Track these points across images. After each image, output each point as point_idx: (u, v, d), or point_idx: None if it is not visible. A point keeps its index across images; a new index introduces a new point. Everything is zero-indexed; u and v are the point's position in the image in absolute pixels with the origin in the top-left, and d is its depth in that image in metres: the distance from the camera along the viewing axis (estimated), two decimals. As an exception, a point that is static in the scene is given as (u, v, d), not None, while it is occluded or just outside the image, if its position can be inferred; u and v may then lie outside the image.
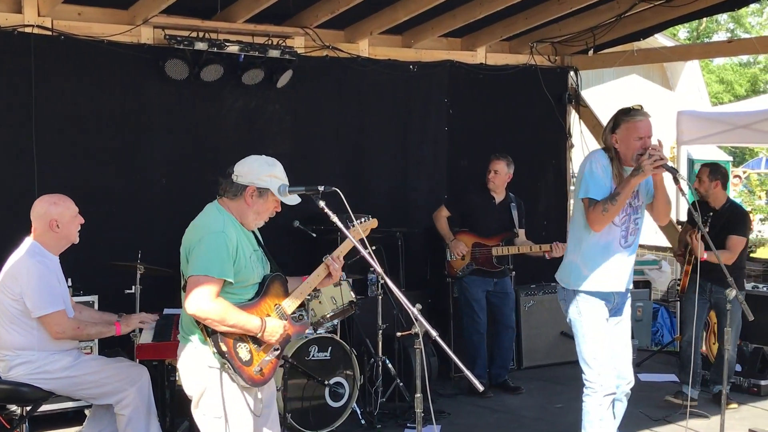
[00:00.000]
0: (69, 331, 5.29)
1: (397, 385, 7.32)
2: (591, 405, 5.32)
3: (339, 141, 8.71)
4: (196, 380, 4.24)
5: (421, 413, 3.91)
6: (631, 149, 5.14)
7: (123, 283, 6.78)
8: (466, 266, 8.00)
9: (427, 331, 3.85)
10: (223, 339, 4.13)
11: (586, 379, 5.35)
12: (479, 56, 9.63)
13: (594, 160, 5.25)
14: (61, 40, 7.22)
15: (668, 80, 19.71)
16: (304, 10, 8.13)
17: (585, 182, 5.20)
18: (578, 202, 5.34)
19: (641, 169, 4.96)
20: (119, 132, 7.62)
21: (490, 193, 8.08)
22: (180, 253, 4.34)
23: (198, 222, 4.36)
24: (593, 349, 5.32)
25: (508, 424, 7.22)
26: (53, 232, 5.36)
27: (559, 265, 5.60)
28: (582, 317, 5.34)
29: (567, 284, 5.41)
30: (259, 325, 4.20)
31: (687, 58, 16.46)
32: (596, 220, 5.12)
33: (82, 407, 6.66)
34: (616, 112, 5.29)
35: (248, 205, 4.34)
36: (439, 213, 8.17)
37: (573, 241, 5.44)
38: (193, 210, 7.87)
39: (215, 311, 4.07)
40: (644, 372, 8.76)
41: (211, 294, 4.07)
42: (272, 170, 4.39)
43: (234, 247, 4.20)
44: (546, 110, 9.97)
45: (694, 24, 32.89)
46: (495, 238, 8.00)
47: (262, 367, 4.27)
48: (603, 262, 5.28)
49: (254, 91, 8.08)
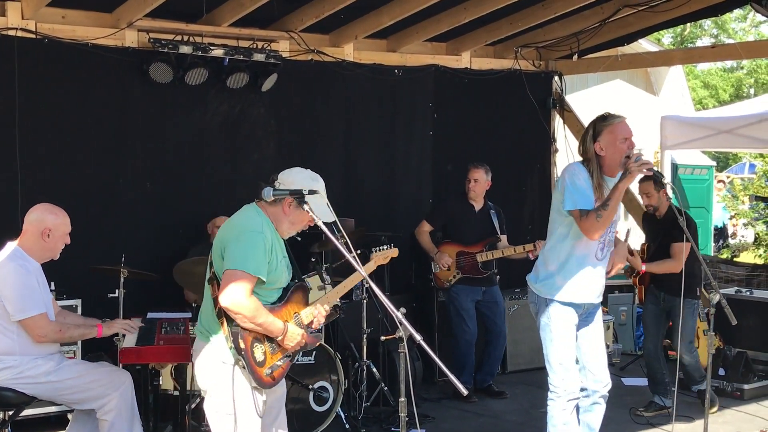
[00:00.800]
0: (51, 334, 5.26)
1: (382, 389, 7.31)
2: (555, 409, 5.36)
3: (324, 145, 8.71)
4: (209, 375, 4.31)
5: (406, 417, 3.91)
6: (619, 152, 5.12)
7: (106, 288, 6.75)
8: (453, 276, 7.99)
9: (411, 335, 3.86)
10: (243, 336, 4.20)
11: (551, 384, 5.39)
12: (464, 61, 9.66)
13: (573, 172, 5.21)
14: (44, 43, 7.18)
15: (652, 85, 19.78)
16: (289, 14, 8.13)
17: (570, 195, 5.15)
18: (557, 215, 5.32)
19: (628, 172, 4.98)
20: (103, 135, 7.59)
21: (470, 201, 8.09)
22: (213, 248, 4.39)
23: (236, 220, 4.43)
24: (559, 355, 5.35)
25: (492, 428, 7.23)
26: (43, 241, 5.33)
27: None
28: (552, 323, 5.35)
29: (539, 291, 5.41)
30: (282, 329, 4.29)
31: (671, 64, 16.52)
32: (591, 228, 5.07)
33: (64, 412, 6.62)
34: (590, 122, 5.29)
35: (285, 213, 4.40)
36: (421, 228, 8.16)
37: (550, 252, 5.39)
38: (178, 214, 7.93)
39: (249, 308, 4.15)
40: (628, 376, 8.79)
41: (246, 290, 4.16)
42: (315, 184, 4.46)
43: (269, 248, 4.28)
44: (530, 115, 10.00)
45: (678, 29, 33.05)
46: (478, 244, 8.00)
47: (273, 371, 4.34)
48: (579, 273, 5.30)
49: (239, 94, 8.07)
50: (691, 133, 10.96)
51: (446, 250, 8.03)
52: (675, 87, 20.67)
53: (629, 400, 7.78)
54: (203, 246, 7.46)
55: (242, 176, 8.18)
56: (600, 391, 5.46)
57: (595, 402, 5.49)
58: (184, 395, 6.03)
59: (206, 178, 8.08)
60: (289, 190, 4.33)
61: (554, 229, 5.36)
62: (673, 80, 20.39)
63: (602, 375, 5.48)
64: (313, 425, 6.71)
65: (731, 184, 20.27)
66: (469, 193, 8.04)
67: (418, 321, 8.38)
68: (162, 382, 6.23)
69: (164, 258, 7.32)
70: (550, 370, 5.40)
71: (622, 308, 10.17)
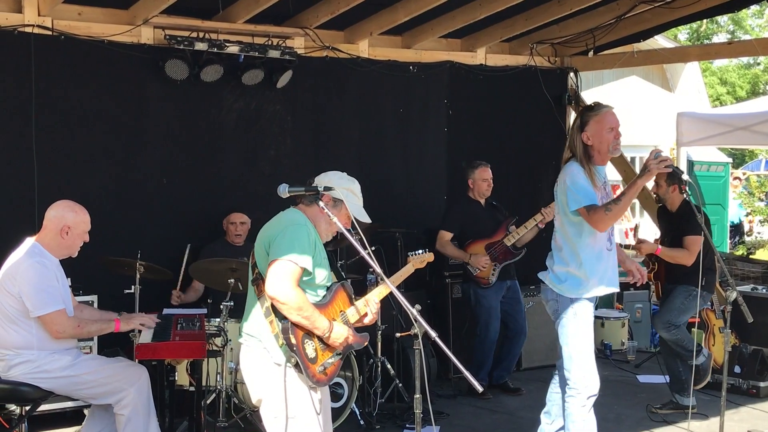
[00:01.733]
0: (69, 330, 5.29)
1: (396, 385, 7.32)
2: (574, 407, 5.36)
3: (338, 142, 8.71)
4: (264, 381, 4.29)
5: (420, 414, 3.92)
6: (605, 142, 5.26)
7: (123, 283, 6.76)
8: (493, 270, 7.97)
9: (426, 332, 3.86)
10: (293, 331, 4.19)
11: (570, 381, 5.39)
12: (479, 57, 9.64)
13: (572, 172, 5.28)
14: (61, 40, 7.21)
15: (668, 82, 19.74)
16: (304, 11, 8.13)
17: (573, 194, 5.22)
18: (564, 216, 5.37)
19: (647, 169, 5.00)
20: (119, 132, 7.61)
21: (476, 199, 8.09)
22: (255, 248, 4.42)
23: (279, 218, 4.45)
24: (582, 352, 5.37)
25: (507, 425, 7.22)
26: (61, 238, 5.37)
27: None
28: (577, 321, 5.38)
29: (563, 291, 5.42)
30: (328, 326, 4.28)
31: (687, 60, 16.45)
32: (600, 221, 5.14)
33: (80, 407, 6.65)
34: (578, 112, 5.34)
35: (322, 213, 4.40)
36: (442, 240, 8.05)
37: (566, 252, 5.42)
38: (193, 210, 7.96)
39: (295, 298, 4.16)
40: (643, 373, 8.77)
41: (293, 280, 4.17)
42: (350, 185, 4.52)
43: (313, 241, 4.31)
44: (546, 111, 9.97)
45: (694, 26, 32.89)
46: (499, 232, 8.00)
47: (326, 367, 4.32)
48: (600, 267, 5.38)
49: (254, 91, 8.08)
50: (707, 129, 10.94)
51: (475, 249, 7.99)
52: (691, 83, 20.62)
53: (644, 397, 7.77)
54: (216, 244, 7.49)
55: (259, 173, 8.19)
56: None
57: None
58: (200, 391, 6.06)
59: (222, 174, 8.09)
60: (304, 188, 4.35)
61: (564, 230, 5.41)
62: (689, 77, 20.34)
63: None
64: (327, 421, 6.72)
65: (747, 181, 20.17)
66: (484, 193, 8.04)
67: (433, 318, 8.38)
68: (178, 378, 6.25)
69: (180, 254, 7.34)
70: (570, 367, 5.39)
71: (638, 305, 10.15)
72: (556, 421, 5.73)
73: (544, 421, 5.84)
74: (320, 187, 4.38)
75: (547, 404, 5.84)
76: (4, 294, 5.22)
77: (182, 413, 6.53)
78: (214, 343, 6.16)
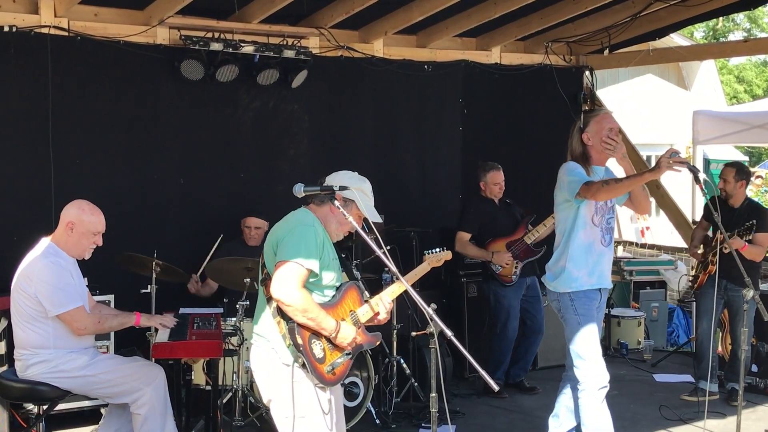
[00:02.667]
0: (90, 326, 5.31)
1: (412, 385, 7.32)
2: (586, 401, 5.45)
3: (353, 141, 8.71)
4: (273, 381, 4.31)
5: (437, 413, 3.92)
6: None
7: (139, 283, 6.81)
8: (515, 267, 7.95)
9: (442, 331, 3.87)
10: (299, 332, 4.21)
11: (580, 376, 5.47)
12: (494, 56, 9.63)
13: (568, 167, 5.52)
14: (77, 41, 7.25)
15: (684, 80, 19.65)
16: (319, 11, 8.15)
17: (571, 183, 5.41)
18: (560, 213, 5.60)
19: (658, 165, 5.05)
20: (135, 132, 7.64)
21: (490, 198, 8.09)
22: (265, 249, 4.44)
23: (288, 219, 4.47)
24: (585, 346, 5.47)
25: (523, 424, 7.21)
26: (66, 234, 5.39)
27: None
28: (578, 316, 5.51)
29: (557, 288, 5.60)
30: (334, 327, 4.29)
31: (703, 58, 16.41)
32: (597, 191, 5.28)
33: (98, 406, 6.69)
34: (577, 118, 5.56)
35: (332, 213, 4.44)
36: (462, 241, 8.01)
37: (560, 250, 5.61)
38: (210, 210, 7.98)
39: (300, 300, 4.17)
40: (660, 372, 8.74)
41: (298, 281, 4.19)
42: (361, 185, 4.52)
43: (321, 243, 4.31)
44: (561, 110, 9.95)
45: (710, 23, 32.74)
46: (519, 229, 7.99)
47: (334, 367, 4.33)
48: (589, 260, 5.51)
49: (269, 91, 8.10)
50: (723, 127, 10.89)
51: (496, 247, 7.96)
52: (707, 81, 20.54)
53: (660, 396, 7.74)
54: (234, 243, 7.50)
55: (277, 172, 8.21)
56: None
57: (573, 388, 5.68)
58: (216, 390, 6.08)
59: (239, 174, 8.11)
60: (319, 187, 4.36)
61: (560, 228, 5.62)
62: (705, 75, 20.26)
63: None
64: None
65: (763, 179, 20.05)
66: (496, 195, 8.04)
67: (448, 317, 8.37)
68: (194, 377, 6.28)
69: (197, 254, 7.36)
70: (576, 362, 5.50)
71: (654, 304, 10.12)
72: (564, 424, 5.75)
73: (552, 425, 5.87)
74: (335, 186, 4.38)
75: (555, 407, 5.88)
76: (21, 294, 5.25)
77: (199, 412, 6.55)
78: (230, 343, 6.19)
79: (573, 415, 5.75)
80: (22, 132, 7.13)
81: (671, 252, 11.45)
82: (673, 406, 7.43)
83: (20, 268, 5.33)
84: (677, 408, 7.40)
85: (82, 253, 5.47)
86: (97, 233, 5.46)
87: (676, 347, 9.72)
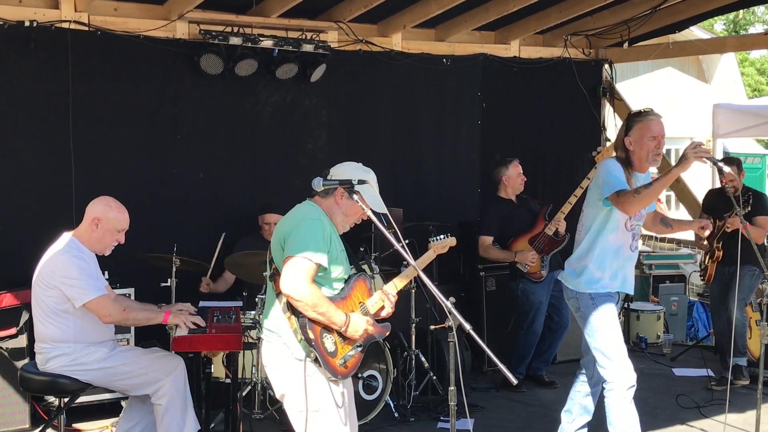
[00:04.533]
0: (115, 314, 5.33)
1: (430, 378, 7.33)
2: (614, 400, 5.37)
3: (372, 135, 8.72)
4: (286, 376, 4.30)
5: (455, 406, 3.93)
6: (645, 149, 5.29)
7: (159, 277, 6.85)
8: (542, 263, 7.90)
9: (460, 325, 3.87)
10: (311, 326, 4.20)
11: (607, 375, 5.39)
12: (513, 49, 9.61)
13: (608, 166, 5.35)
14: (97, 36, 7.28)
15: (704, 73, 19.55)
16: (337, 5, 8.16)
17: (607, 184, 5.27)
18: (591, 210, 5.47)
19: (684, 158, 5.00)
20: (155, 126, 7.69)
21: (507, 197, 8.05)
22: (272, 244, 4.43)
23: (294, 213, 4.47)
24: (611, 346, 5.40)
25: (541, 418, 7.20)
26: (92, 230, 5.42)
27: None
28: (599, 315, 5.43)
29: (579, 287, 5.52)
30: (344, 320, 4.28)
31: (724, 51, 16.27)
32: (627, 202, 5.17)
33: (118, 398, 6.74)
34: (626, 117, 5.43)
35: (337, 204, 4.44)
36: (484, 245, 7.97)
37: (584, 248, 5.52)
38: (230, 204, 8.00)
39: (310, 295, 4.16)
40: (679, 366, 8.71)
41: (307, 276, 4.18)
42: (366, 176, 4.49)
43: (328, 236, 4.31)
44: (580, 104, 9.93)
45: (731, 16, 32.54)
46: (538, 223, 7.96)
47: (346, 360, 4.33)
48: (615, 264, 5.44)
49: (288, 85, 8.12)
50: (743, 121, 10.84)
51: (518, 246, 7.92)
52: (727, 74, 20.43)
53: (680, 390, 7.72)
54: (251, 237, 7.53)
55: (296, 166, 8.23)
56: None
57: (594, 392, 5.68)
58: (236, 383, 6.10)
59: (259, 168, 8.14)
60: (338, 180, 4.36)
61: (588, 225, 5.50)
62: (725, 67, 20.15)
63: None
64: (362, 414, 6.72)
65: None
66: (518, 188, 8.00)
67: (467, 311, 8.37)
68: (214, 370, 6.30)
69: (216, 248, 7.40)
70: (602, 362, 5.41)
71: (673, 298, 10.08)
72: (577, 420, 5.75)
73: (564, 420, 5.86)
74: (354, 180, 4.38)
75: (567, 402, 5.86)
76: (42, 288, 5.28)
77: (218, 405, 6.58)
78: (249, 336, 6.21)
79: (586, 411, 5.73)
80: (42, 127, 7.18)
81: (691, 246, 11.39)
82: (692, 401, 7.40)
83: (42, 263, 5.36)
84: (697, 401, 7.38)
85: (103, 250, 5.50)
86: (122, 230, 5.50)
87: (696, 341, 9.68)
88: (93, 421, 6.85)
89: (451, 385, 3.91)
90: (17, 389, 6.35)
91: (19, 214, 7.07)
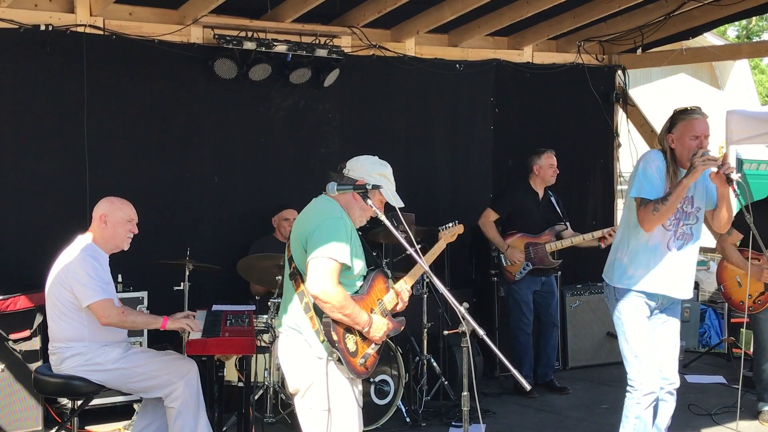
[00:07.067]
0: (114, 316, 5.33)
1: (442, 383, 7.33)
2: (630, 402, 5.33)
3: (385, 140, 8.73)
4: (304, 372, 4.26)
5: (468, 411, 3.93)
6: (687, 148, 5.11)
7: (172, 280, 6.87)
8: (523, 268, 7.93)
9: (474, 330, 3.87)
10: (335, 328, 4.17)
11: (628, 377, 5.35)
12: (526, 55, 9.61)
13: (648, 159, 5.20)
14: (112, 40, 7.32)
15: (717, 79, 19.50)
16: (351, 10, 8.18)
17: (638, 181, 5.15)
18: (629, 201, 5.31)
19: (693, 167, 4.94)
20: (170, 131, 7.72)
21: (535, 190, 8.04)
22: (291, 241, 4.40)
23: (313, 209, 4.43)
24: (634, 347, 5.31)
25: (553, 424, 7.20)
26: (100, 228, 5.45)
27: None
28: (623, 315, 5.34)
29: (610, 280, 5.40)
30: (367, 321, 4.27)
31: (736, 57, 16.27)
32: (646, 220, 5.08)
33: (131, 402, 6.77)
34: (672, 112, 5.28)
35: (355, 199, 4.42)
36: (487, 219, 8.01)
37: (621, 239, 5.40)
38: (243, 208, 8.03)
39: (338, 297, 4.12)
40: (691, 373, 8.69)
41: (334, 277, 4.13)
42: (383, 170, 4.52)
43: (350, 233, 4.28)
44: (593, 109, 9.93)
45: (744, 23, 32.45)
46: (545, 234, 7.95)
47: (366, 359, 4.33)
48: (649, 262, 5.25)
49: (301, 90, 8.14)
50: (757, 127, 10.78)
51: (515, 243, 7.96)
52: (740, 81, 20.37)
53: (691, 397, 7.70)
54: (266, 239, 7.55)
55: (309, 170, 8.24)
56: (665, 388, 5.41)
57: (660, 399, 5.43)
58: (249, 386, 6.12)
59: (272, 172, 8.16)
60: (352, 186, 4.35)
61: (628, 217, 5.34)
62: (738, 74, 20.08)
63: (670, 373, 5.42)
64: (374, 418, 6.75)
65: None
66: (549, 180, 7.99)
67: (479, 316, 8.36)
68: (226, 374, 6.32)
69: (230, 251, 7.43)
70: (626, 363, 5.36)
71: (686, 305, 10.03)
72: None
73: None
74: (368, 185, 4.37)
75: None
76: (59, 288, 5.32)
77: (231, 408, 6.60)
78: (262, 340, 6.23)
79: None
80: (57, 130, 7.21)
81: (704, 252, 11.36)
82: (703, 408, 7.39)
83: (57, 264, 5.40)
84: (708, 409, 7.37)
85: (120, 244, 5.53)
86: (131, 220, 5.55)
87: (708, 348, 9.65)
88: (105, 423, 6.86)
89: (464, 389, 3.91)
90: (31, 391, 6.38)
91: (34, 218, 7.09)
